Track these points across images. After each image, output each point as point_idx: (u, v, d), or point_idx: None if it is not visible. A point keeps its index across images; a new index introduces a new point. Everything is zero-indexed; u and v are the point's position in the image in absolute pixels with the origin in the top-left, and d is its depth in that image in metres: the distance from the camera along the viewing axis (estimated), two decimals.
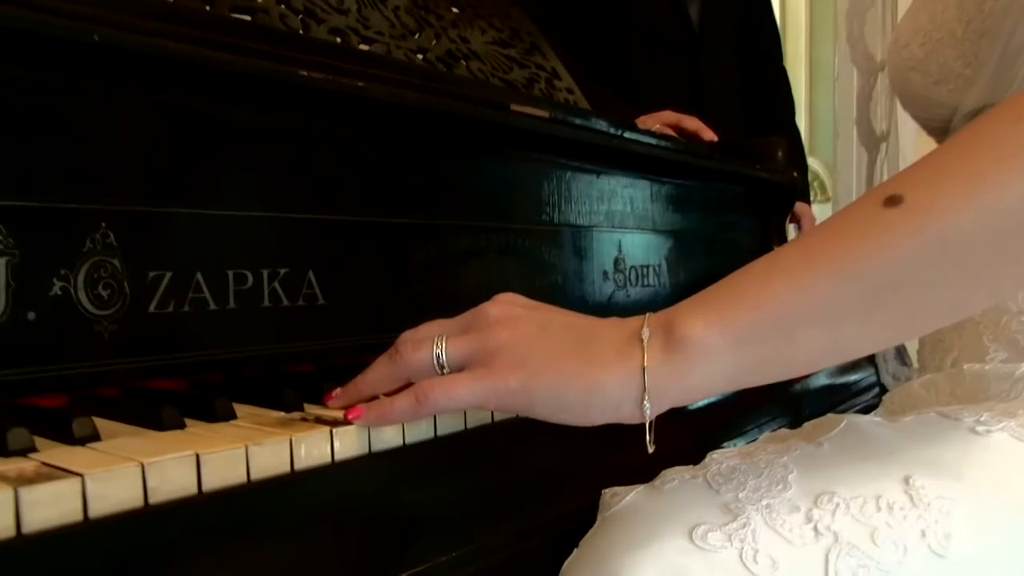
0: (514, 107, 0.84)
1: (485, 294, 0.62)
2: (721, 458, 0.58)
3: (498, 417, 0.59)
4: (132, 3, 0.58)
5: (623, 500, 0.56)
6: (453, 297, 0.80)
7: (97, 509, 0.38)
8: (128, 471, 0.39)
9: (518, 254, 0.88)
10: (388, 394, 0.53)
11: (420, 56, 0.97)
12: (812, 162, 4.38)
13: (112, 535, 0.39)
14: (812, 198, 4.54)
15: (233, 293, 0.63)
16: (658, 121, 1.43)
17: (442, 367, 0.53)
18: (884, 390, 1.02)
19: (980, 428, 0.57)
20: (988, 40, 0.75)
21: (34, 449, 0.42)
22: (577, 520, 0.59)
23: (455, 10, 1.10)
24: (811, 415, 0.97)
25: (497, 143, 0.85)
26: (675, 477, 0.56)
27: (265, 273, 0.65)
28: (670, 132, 1.39)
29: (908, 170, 0.50)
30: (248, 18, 0.79)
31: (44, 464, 0.40)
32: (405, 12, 1.00)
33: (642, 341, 0.50)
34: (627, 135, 1.02)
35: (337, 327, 0.70)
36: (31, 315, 0.53)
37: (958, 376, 0.71)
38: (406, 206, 0.77)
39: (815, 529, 0.50)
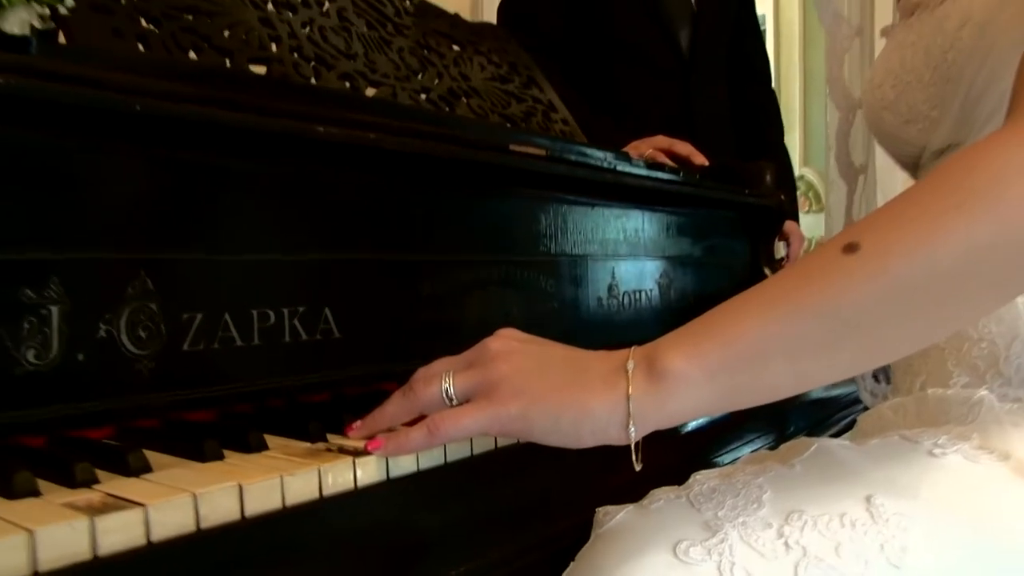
0: (513, 147, 0.91)
1: (487, 323, 0.69)
2: (703, 479, 0.64)
3: (501, 443, 0.65)
4: (162, 66, 0.65)
5: (614, 518, 0.62)
6: (457, 327, 0.87)
7: (158, 534, 0.45)
8: (183, 501, 0.46)
9: (518, 284, 0.95)
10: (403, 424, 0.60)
11: (424, 96, 1.04)
12: (807, 172, 4.45)
13: (170, 557, 0.45)
14: (807, 208, 4.63)
15: (257, 330, 0.70)
16: (651, 146, 1.50)
17: (451, 400, 0.59)
18: (867, 406, 1.09)
19: (936, 451, 0.64)
20: (952, 86, 0.82)
21: (97, 480, 0.49)
22: (573, 536, 0.66)
23: (456, 48, 1.17)
24: (797, 431, 1.04)
25: (497, 182, 0.92)
26: (661, 497, 0.63)
27: (286, 311, 0.72)
28: (663, 157, 1.46)
29: (866, 219, 0.57)
30: (264, 68, 0.86)
31: (108, 495, 0.46)
32: (409, 53, 1.06)
33: (627, 372, 0.56)
34: (619, 168, 1.09)
35: (351, 358, 0.77)
36: (80, 356, 0.60)
37: (923, 400, 0.77)
38: (412, 244, 0.83)
39: (785, 544, 0.57)
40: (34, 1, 0.61)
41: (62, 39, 0.68)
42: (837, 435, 0.96)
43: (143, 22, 0.78)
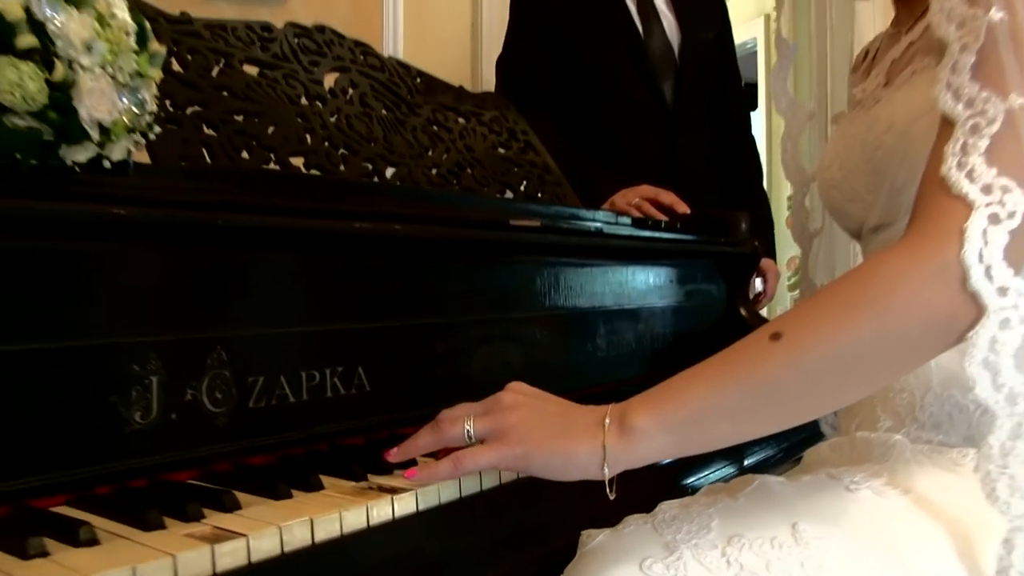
0: (512, 222, 1.09)
1: (491, 372, 0.87)
2: (666, 508, 0.82)
3: (505, 479, 0.83)
4: (227, 176, 0.83)
5: (595, 540, 0.80)
6: (466, 377, 1.05)
7: (255, 557, 0.62)
8: (272, 531, 0.64)
9: (517, 338, 1.13)
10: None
11: (434, 171, 1.22)
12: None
13: (262, 573, 0.63)
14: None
15: (305, 388, 0.88)
16: (637, 195, 1.69)
17: (470, 439, 0.78)
18: (823, 435, 1.25)
19: (852, 486, 0.82)
20: (880, 177, 1.00)
21: (204, 516, 0.66)
22: (565, 554, 0.83)
23: (461, 120, 1.35)
24: (759, 460, 1.22)
25: (498, 252, 1.10)
26: (632, 523, 0.81)
27: (327, 371, 0.90)
28: (648, 206, 1.65)
29: (789, 312, 0.76)
30: (302, 159, 1.05)
31: (216, 527, 0.64)
32: (421, 131, 1.25)
33: (604, 426, 0.75)
34: (606, 230, 1.27)
35: (380, 407, 0.95)
36: (173, 415, 0.77)
37: (854, 441, 0.95)
38: (426, 310, 1.01)
39: (727, 561, 0.74)
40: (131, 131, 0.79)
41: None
42: (796, 463, 1.14)
43: (205, 128, 0.96)
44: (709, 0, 2.20)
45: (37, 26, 0.69)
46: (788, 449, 1.25)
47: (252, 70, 1.09)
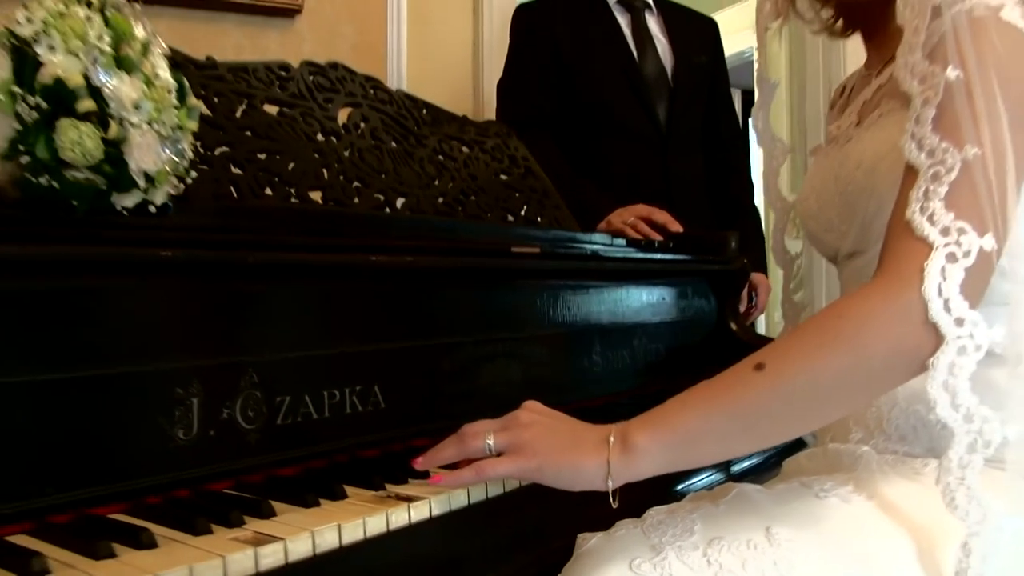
0: (514, 249, 1.19)
1: (495, 388, 0.97)
2: (654, 514, 0.92)
3: (508, 488, 0.92)
4: (255, 214, 0.93)
5: (590, 542, 0.89)
6: (471, 394, 1.14)
7: (291, 558, 0.72)
8: (306, 536, 0.73)
9: (518, 356, 1.22)
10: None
11: (440, 199, 1.32)
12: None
13: (297, 572, 0.72)
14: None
15: (327, 406, 0.97)
16: (632, 214, 1.79)
17: (490, 451, 0.87)
18: (804, 444, 1.35)
19: (821, 493, 0.91)
20: (851, 209, 1.09)
21: (244, 522, 0.76)
22: (561, 556, 0.93)
23: (465, 149, 1.45)
24: (742, 471, 1.32)
25: (501, 277, 1.20)
26: (623, 527, 0.90)
27: (347, 390, 0.99)
28: (643, 225, 1.74)
29: (771, 345, 0.86)
30: (320, 192, 1.14)
31: (256, 532, 0.74)
32: (428, 162, 1.34)
33: (608, 443, 0.85)
34: (601, 253, 1.36)
35: (394, 423, 1.04)
36: (211, 432, 0.87)
37: (827, 452, 1.05)
38: (435, 332, 1.11)
39: (708, 561, 0.84)
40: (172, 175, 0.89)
41: None
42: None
43: (232, 167, 1.06)
44: (702, 24, 2.30)
45: (94, 91, 0.78)
46: (770, 458, 1.35)
47: (272, 109, 1.19)
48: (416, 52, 2.75)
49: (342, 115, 1.28)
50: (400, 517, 0.81)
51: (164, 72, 0.86)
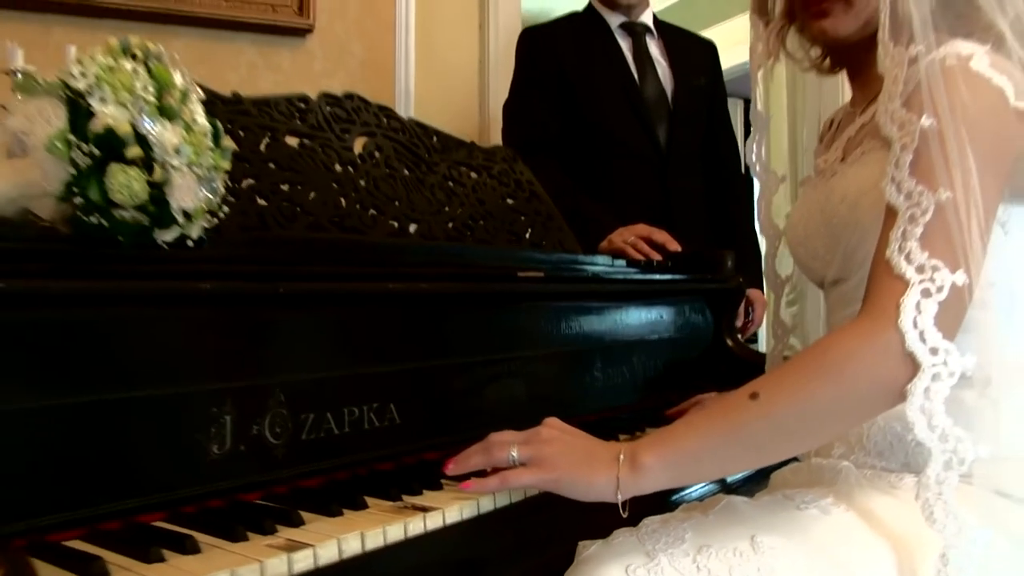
0: (520, 274, 1.27)
1: (501, 404, 1.05)
2: (649, 523, 1.00)
3: (515, 499, 1.01)
4: (282, 244, 1.01)
5: (589, 549, 0.97)
6: (479, 410, 1.23)
7: (320, 563, 0.80)
8: (332, 543, 0.81)
9: (523, 374, 1.31)
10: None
11: (450, 224, 1.40)
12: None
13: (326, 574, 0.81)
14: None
15: (347, 422, 1.06)
16: (633, 233, 1.87)
17: (514, 462, 0.97)
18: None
19: (802, 505, 1.00)
20: (835, 240, 1.17)
21: (276, 531, 0.84)
22: (563, 562, 1.01)
23: (473, 175, 1.53)
24: (735, 482, 1.40)
25: (508, 300, 1.28)
26: (620, 535, 0.98)
27: (365, 408, 1.08)
28: (643, 244, 1.83)
29: (764, 377, 0.95)
30: (339, 221, 1.23)
31: (288, 539, 0.82)
32: (438, 188, 1.43)
33: (619, 461, 0.94)
34: (602, 275, 1.45)
35: (408, 438, 1.13)
36: (242, 447, 0.96)
37: (810, 467, 1.13)
38: (445, 352, 1.20)
39: (697, 567, 0.92)
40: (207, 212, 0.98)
41: None
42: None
43: (258, 199, 1.14)
44: (700, 46, 2.39)
45: (141, 138, 0.87)
46: (761, 471, 1.43)
47: (293, 140, 1.28)
48: (424, 69, 2.84)
49: (358, 144, 1.37)
50: (416, 526, 0.90)
51: (201, 117, 0.94)
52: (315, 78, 2.72)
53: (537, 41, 2.30)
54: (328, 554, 0.81)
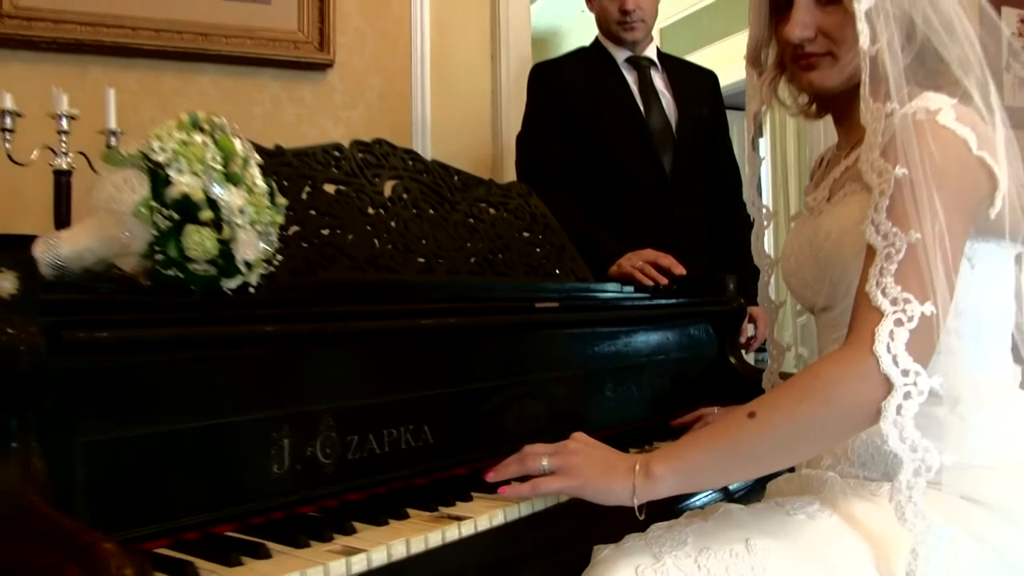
0: (537, 305, 1.42)
1: (523, 423, 1.20)
2: (655, 528, 1.14)
3: (537, 509, 1.15)
4: (333, 287, 1.16)
5: (603, 552, 1.12)
6: (503, 428, 1.37)
7: (373, 565, 0.95)
8: (382, 548, 0.96)
9: (542, 395, 1.45)
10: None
11: (472, 259, 1.55)
12: None
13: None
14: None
15: (387, 442, 1.20)
16: (640, 258, 2.01)
17: (544, 471, 1.12)
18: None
19: (792, 511, 1.14)
20: (821, 272, 1.32)
21: (333, 538, 0.99)
22: (579, 564, 1.15)
23: (492, 211, 1.68)
24: (736, 490, 1.54)
25: (526, 328, 1.43)
26: (630, 540, 1.13)
27: (403, 429, 1.22)
28: (651, 269, 1.97)
29: (762, 397, 1.10)
30: (374, 261, 1.37)
31: (344, 545, 0.97)
32: (461, 226, 1.58)
33: (635, 471, 1.09)
34: (612, 302, 1.59)
35: (440, 455, 1.27)
36: (298, 466, 1.10)
37: (801, 477, 1.27)
38: (471, 377, 1.34)
39: (698, 567, 1.06)
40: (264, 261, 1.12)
41: None
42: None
43: (302, 244, 1.29)
44: (703, 79, 2.54)
45: (211, 202, 1.02)
46: (758, 481, 1.57)
47: (330, 187, 1.42)
48: (439, 99, 2.99)
49: (387, 187, 1.52)
50: (452, 533, 1.04)
51: (259, 180, 1.09)
52: (336, 110, 2.88)
53: (547, 76, 2.45)
54: (379, 557, 0.96)
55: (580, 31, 2.63)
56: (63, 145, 2.18)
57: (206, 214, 1.01)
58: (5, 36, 2.47)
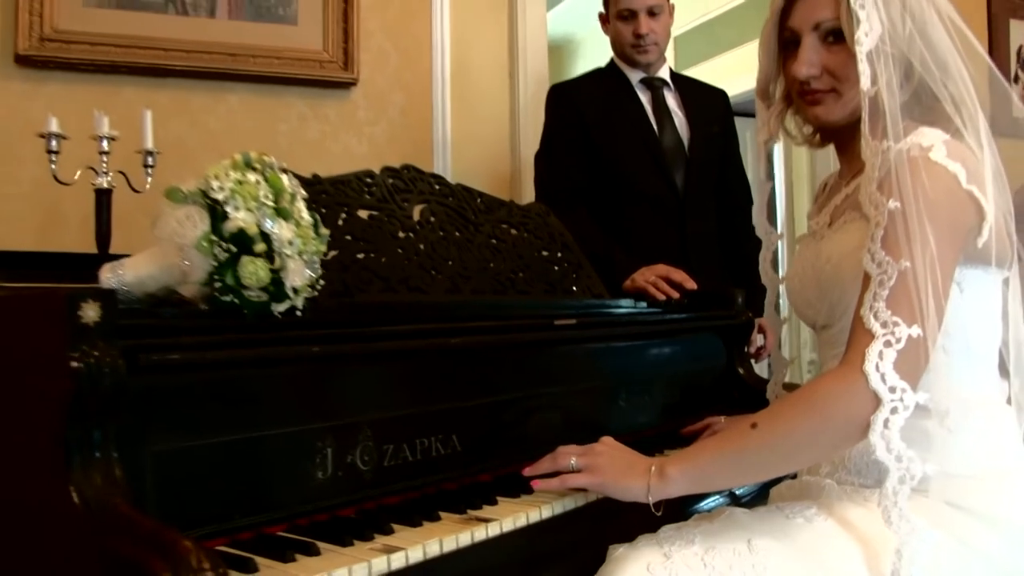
0: (556, 322, 1.54)
1: (543, 431, 1.32)
2: (666, 529, 1.26)
3: (556, 512, 1.27)
4: (370, 308, 1.29)
5: (618, 551, 1.23)
6: (524, 437, 1.49)
7: (410, 562, 1.06)
8: (419, 546, 1.08)
9: (561, 406, 1.57)
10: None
11: (495, 279, 1.67)
12: None
13: (417, 571, 1.07)
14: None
15: (419, 451, 1.33)
16: (653, 273, 2.12)
17: (573, 468, 1.26)
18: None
19: (790, 515, 1.25)
20: (822, 293, 1.43)
21: (373, 538, 1.11)
22: (595, 563, 1.26)
23: (513, 232, 1.80)
24: (743, 495, 1.65)
25: (546, 344, 1.55)
26: (643, 540, 1.24)
27: (433, 438, 1.34)
28: (663, 284, 2.08)
29: (764, 410, 1.22)
30: (405, 282, 1.50)
31: (384, 544, 1.09)
32: (484, 247, 1.70)
33: (650, 472, 1.22)
34: (626, 318, 1.71)
35: (467, 462, 1.39)
36: (340, 473, 1.22)
37: (801, 483, 1.39)
38: (495, 390, 1.46)
39: (704, 564, 1.18)
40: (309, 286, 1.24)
41: None
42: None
43: (340, 269, 1.41)
44: (714, 97, 2.65)
45: (264, 236, 1.14)
46: (764, 487, 1.68)
47: (363, 212, 1.54)
48: (459, 115, 3.11)
49: (416, 211, 1.64)
50: (480, 533, 1.16)
51: (305, 213, 1.22)
52: (359, 127, 3.01)
53: (564, 97, 2.57)
54: (416, 555, 1.07)
55: (595, 40, 2.75)
56: (104, 165, 2.31)
57: (260, 246, 1.13)
58: (46, 58, 2.61)
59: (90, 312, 0.97)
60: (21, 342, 1.05)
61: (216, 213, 1.13)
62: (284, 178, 1.22)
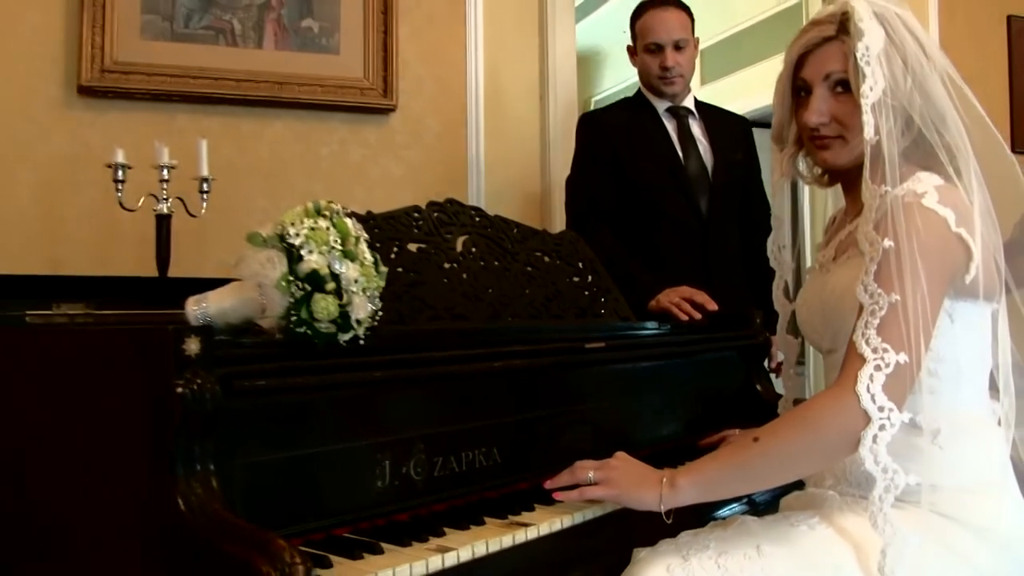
0: (587, 345, 1.72)
1: (572, 443, 1.50)
2: (684, 535, 1.43)
3: (586, 518, 1.45)
4: (423, 336, 1.47)
5: (641, 554, 1.41)
6: (555, 449, 1.67)
7: (461, 560, 1.25)
8: (468, 547, 1.26)
9: (589, 420, 1.75)
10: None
11: (531, 305, 1.85)
12: None
13: (468, 569, 1.25)
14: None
15: (464, 463, 1.51)
16: (677, 294, 2.29)
17: (590, 481, 1.43)
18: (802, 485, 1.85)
19: (795, 523, 1.42)
20: (826, 321, 1.60)
21: (428, 540, 1.29)
22: (620, 565, 1.44)
23: (547, 259, 1.98)
24: (760, 502, 1.82)
25: (578, 365, 1.73)
26: (663, 544, 1.41)
27: (476, 451, 1.53)
28: (687, 305, 2.25)
29: (766, 426, 1.39)
30: (451, 310, 1.68)
31: (438, 545, 1.27)
32: (520, 274, 1.88)
33: (662, 483, 1.39)
34: (651, 340, 1.89)
35: (506, 472, 1.57)
36: (396, 482, 1.41)
37: (807, 495, 1.55)
38: (531, 407, 1.64)
39: (717, 567, 1.35)
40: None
41: None
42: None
43: (394, 299, 1.60)
44: (736, 124, 2.82)
45: (334, 276, 1.33)
46: (776, 497, 1.85)
47: (412, 245, 1.73)
48: (492, 139, 3.30)
49: (458, 243, 1.82)
50: (521, 536, 1.34)
51: (367, 253, 1.40)
52: (397, 150, 3.20)
53: (593, 125, 2.76)
54: (466, 555, 1.26)
55: (621, 51, 2.92)
56: (164, 192, 2.52)
57: (330, 285, 1.32)
58: (106, 88, 2.83)
59: (192, 346, 1.16)
60: (125, 371, 1.24)
61: (292, 256, 1.32)
62: (349, 222, 1.40)
